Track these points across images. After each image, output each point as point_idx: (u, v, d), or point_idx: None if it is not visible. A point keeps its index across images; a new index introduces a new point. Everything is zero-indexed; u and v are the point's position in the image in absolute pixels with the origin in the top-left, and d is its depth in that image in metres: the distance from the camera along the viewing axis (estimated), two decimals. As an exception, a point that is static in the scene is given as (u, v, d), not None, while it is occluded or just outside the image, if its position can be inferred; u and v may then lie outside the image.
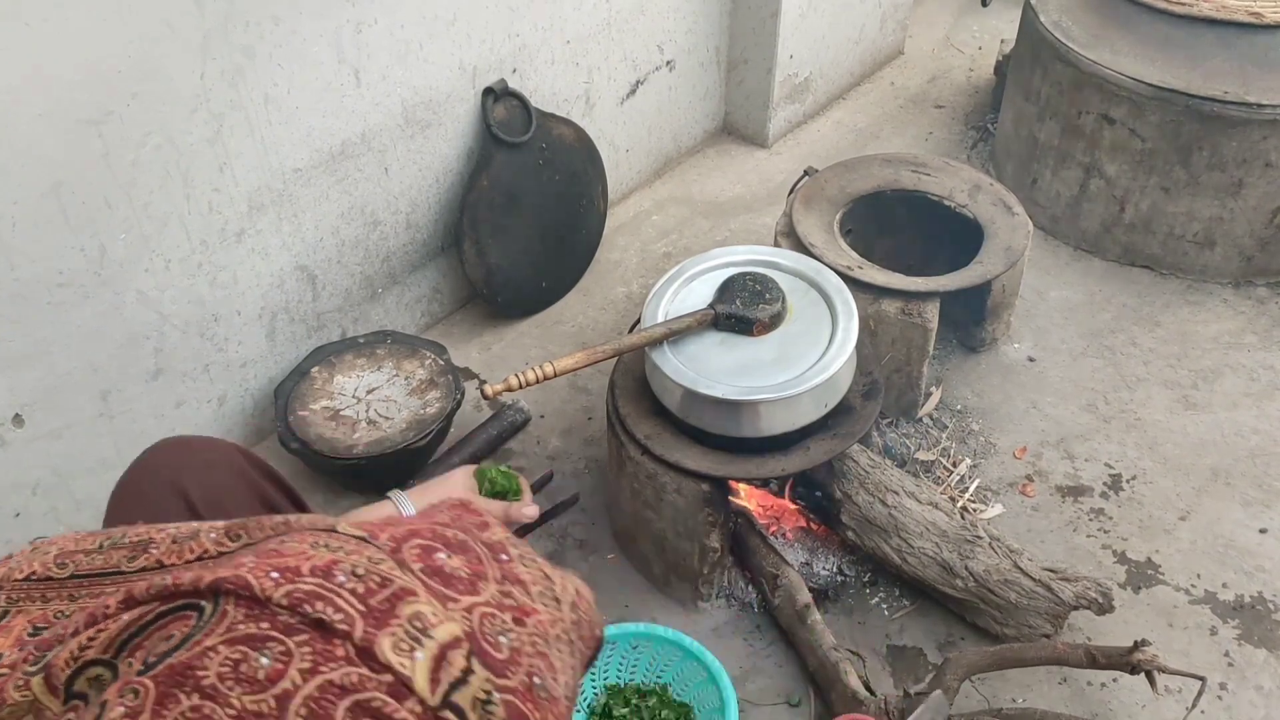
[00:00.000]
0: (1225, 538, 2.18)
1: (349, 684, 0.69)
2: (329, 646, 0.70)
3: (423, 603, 0.75)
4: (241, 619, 0.73)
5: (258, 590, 0.73)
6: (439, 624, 0.74)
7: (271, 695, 0.68)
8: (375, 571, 0.75)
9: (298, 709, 0.68)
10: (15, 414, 1.87)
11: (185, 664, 0.71)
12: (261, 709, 0.68)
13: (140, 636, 0.77)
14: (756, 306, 1.92)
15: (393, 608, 0.73)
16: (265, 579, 0.74)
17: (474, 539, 0.84)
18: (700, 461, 1.89)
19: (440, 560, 0.79)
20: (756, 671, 1.97)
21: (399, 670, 0.70)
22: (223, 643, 0.71)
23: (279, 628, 0.72)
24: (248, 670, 0.69)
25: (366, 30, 2.12)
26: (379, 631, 0.71)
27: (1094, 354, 2.58)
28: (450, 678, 0.72)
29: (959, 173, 2.54)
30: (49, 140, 1.71)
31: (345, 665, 0.70)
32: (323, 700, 0.68)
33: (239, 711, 0.68)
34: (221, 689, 0.69)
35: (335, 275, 2.35)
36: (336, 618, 0.71)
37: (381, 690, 0.69)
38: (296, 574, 0.74)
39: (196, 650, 0.72)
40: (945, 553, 1.94)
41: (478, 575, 0.80)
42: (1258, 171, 2.56)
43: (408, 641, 0.72)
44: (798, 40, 3.11)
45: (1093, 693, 1.92)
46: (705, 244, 2.90)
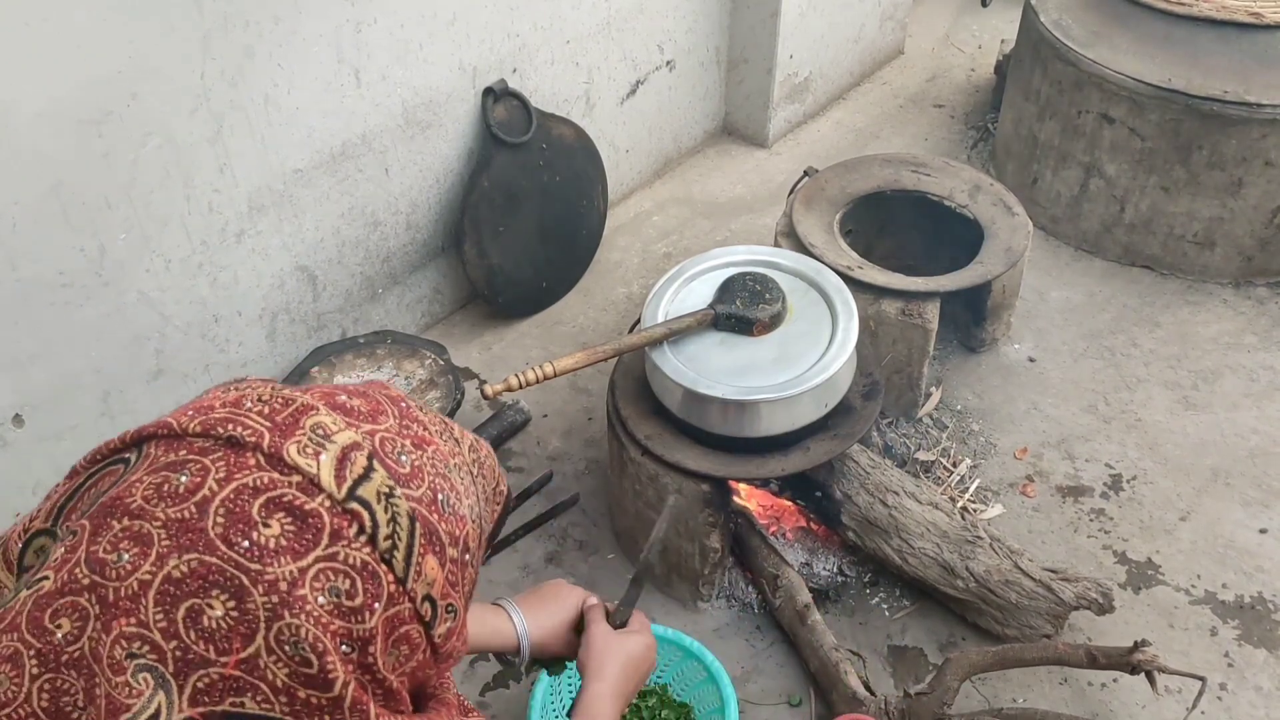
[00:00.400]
0: (1225, 538, 2.18)
1: (261, 485, 0.78)
2: (241, 458, 0.79)
3: (324, 415, 0.83)
4: (162, 453, 0.81)
5: (175, 426, 0.82)
6: (339, 431, 0.82)
7: (192, 503, 0.78)
8: (279, 395, 0.84)
9: (216, 510, 0.77)
10: (16, 414, 1.87)
11: (114, 498, 0.79)
12: (184, 515, 0.77)
13: (74, 500, 0.85)
14: (756, 306, 1.92)
15: (296, 420, 0.82)
16: (182, 417, 0.83)
17: (375, 392, 0.91)
18: (701, 462, 1.89)
19: (340, 400, 0.87)
20: (757, 672, 1.97)
21: (305, 469, 0.78)
22: (146, 474, 0.80)
23: (195, 450, 0.80)
24: (169, 489, 0.79)
25: (366, 30, 2.12)
26: (285, 440, 0.80)
27: (1094, 354, 2.58)
28: (354, 475, 0.80)
29: (959, 173, 2.54)
30: (49, 140, 1.71)
31: (257, 471, 0.79)
32: (238, 500, 0.77)
33: (164, 521, 0.77)
34: (147, 507, 0.77)
35: (336, 275, 2.35)
36: (246, 433, 0.80)
37: (292, 488, 0.78)
38: (209, 409, 0.83)
39: (124, 486, 0.80)
40: (946, 553, 1.94)
41: (376, 411, 0.87)
42: (1258, 171, 2.56)
43: (312, 446, 0.80)
44: (798, 40, 3.11)
45: (1093, 693, 1.92)
46: (705, 244, 2.90)
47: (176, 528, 0.76)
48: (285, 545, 0.76)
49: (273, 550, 0.76)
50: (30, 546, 0.86)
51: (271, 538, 0.76)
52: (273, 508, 0.77)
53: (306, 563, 0.76)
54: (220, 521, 0.76)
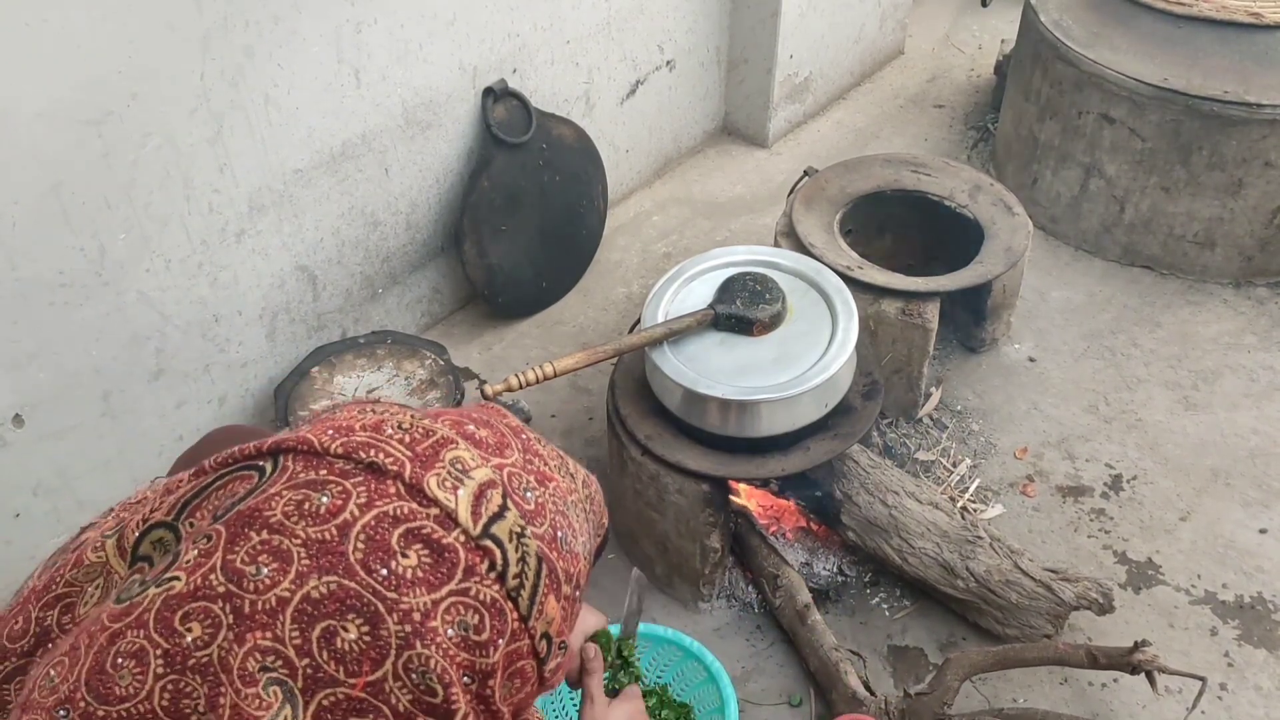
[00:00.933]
0: (1225, 538, 2.18)
1: (401, 514, 0.79)
2: (382, 485, 0.80)
3: (463, 449, 0.84)
4: (301, 469, 0.82)
5: (316, 445, 0.82)
6: (477, 467, 0.83)
7: (334, 525, 0.79)
8: (419, 425, 0.85)
9: (357, 536, 0.78)
10: (16, 414, 1.87)
11: (252, 508, 0.80)
12: (325, 536, 0.78)
13: (199, 499, 0.86)
14: (756, 306, 1.92)
15: (437, 453, 0.83)
16: (323, 435, 0.83)
17: (497, 422, 0.92)
18: (701, 462, 1.89)
19: (470, 430, 0.88)
20: (757, 671, 1.97)
21: (444, 503, 0.80)
22: (286, 488, 0.81)
23: (336, 473, 0.81)
24: (310, 508, 0.79)
25: (366, 30, 2.12)
26: (426, 471, 0.81)
27: (1094, 354, 2.58)
28: (489, 512, 0.81)
29: (959, 173, 2.54)
30: (49, 140, 1.71)
31: (397, 500, 0.80)
32: (379, 528, 0.78)
33: (304, 540, 0.78)
34: (287, 524, 0.78)
35: (336, 275, 2.35)
36: (388, 461, 0.81)
37: (430, 520, 0.80)
38: (350, 430, 0.84)
39: (262, 497, 0.80)
40: (946, 553, 1.94)
41: (502, 444, 0.88)
42: (1258, 171, 2.56)
43: (451, 480, 0.82)
44: (798, 40, 3.11)
45: (1093, 693, 1.92)
46: (705, 244, 2.90)
47: (317, 548, 0.77)
48: (421, 577, 0.77)
49: (409, 581, 0.77)
50: (148, 537, 0.87)
51: (409, 568, 0.77)
52: (411, 538, 0.78)
53: (440, 595, 0.78)
54: (361, 547, 0.77)
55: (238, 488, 0.84)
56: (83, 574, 0.90)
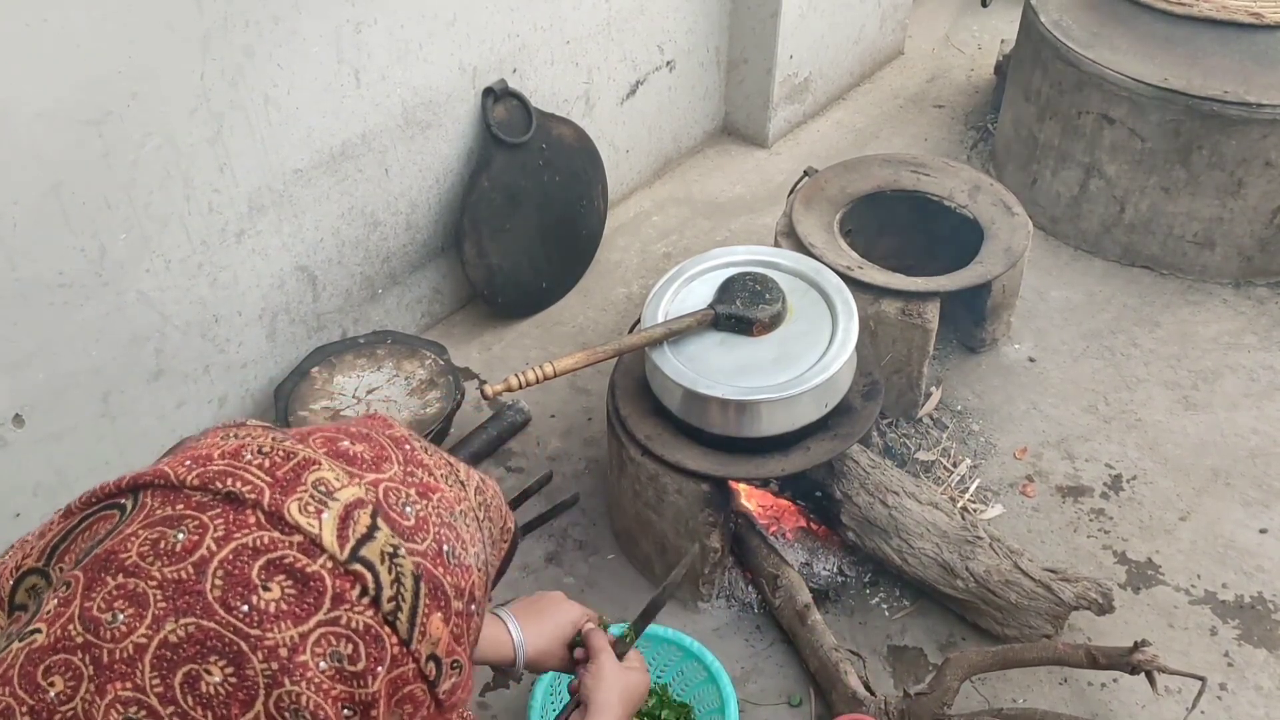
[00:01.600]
0: (1225, 538, 2.18)
1: (261, 545, 0.75)
2: (241, 516, 0.76)
3: (326, 470, 0.81)
4: (158, 504, 0.79)
5: (173, 477, 0.79)
6: (342, 488, 0.80)
7: (189, 563, 0.75)
8: (280, 448, 0.82)
9: (215, 572, 0.74)
10: (16, 414, 1.87)
11: (109, 550, 0.77)
12: (181, 576, 0.74)
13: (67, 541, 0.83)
14: (756, 306, 1.92)
15: (298, 476, 0.79)
16: (180, 467, 0.80)
17: (378, 434, 0.89)
18: (701, 462, 1.89)
19: (344, 446, 0.85)
20: (757, 672, 1.97)
21: (307, 529, 0.76)
22: (142, 527, 0.78)
23: (192, 506, 0.78)
24: (166, 546, 0.75)
25: (366, 30, 2.12)
26: (286, 497, 0.77)
27: (1094, 354, 2.58)
28: (356, 534, 0.78)
29: (959, 173, 2.54)
30: (49, 140, 1.71)
31: (257, 530, 0.76)
32: (237, 562, 0.75)
33: (160, 581, 0.74)
34: (143, 565, 0.75)
35: (335, 276, 2.35)
36: (245, 489, 0.77)
37: (293, 549, 0.75)
38: (208, 460, 0.81)
39: (119, 539, 0.78)
40: (946, 553, 1.94)
41: (381, 458, 0.85)
42: (1258, 171, 2.56)
43: (314, 504, 0.78)
44: (798, 40, 3.11)
45: (1093, 693, 1.92)
46: (705, 244, 2.90)
47: (173, 589, 0.74)
48: (286, 610, 0.75)
49: (273, 615, 0.74)
50: (22, 584, 0.84)
51: (272, 601, 0.74)
52: (273, 570, 0.75)
53: (308, 628, 0.75)
54: (219, 584, 0.74)
55: (99, 528, 0.81)
56: None
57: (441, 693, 0.83)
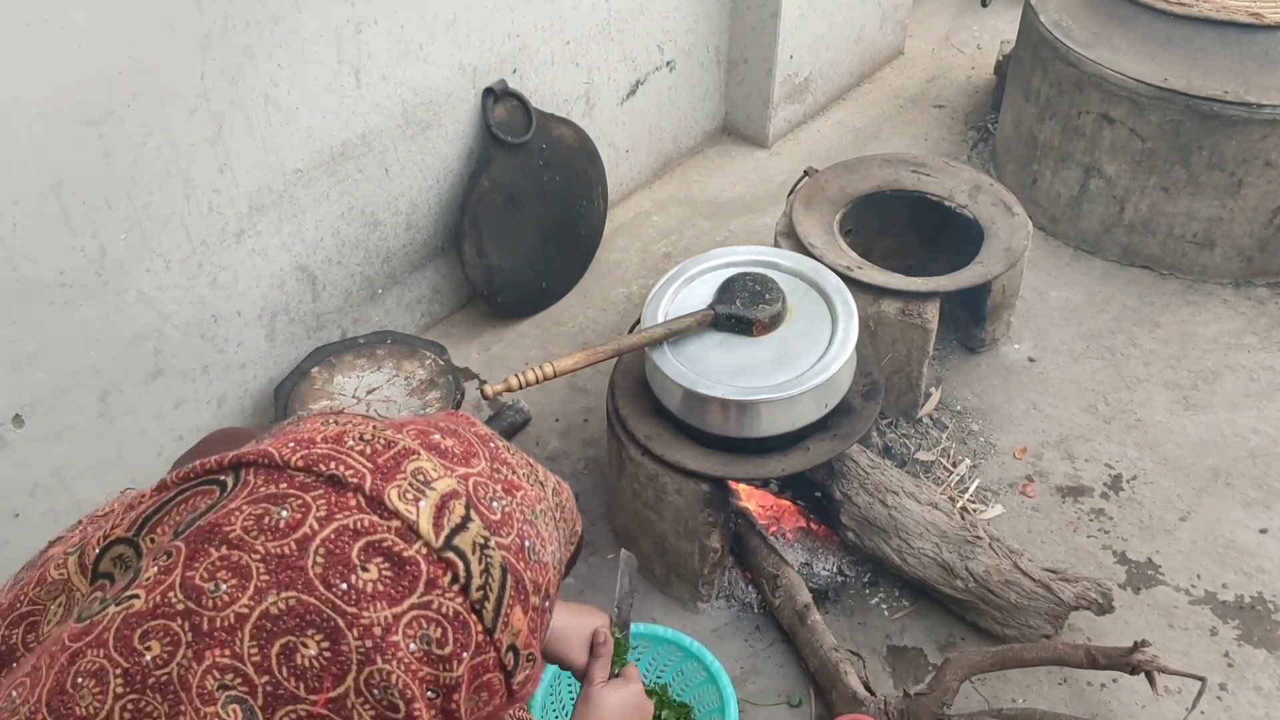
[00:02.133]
0: (1225, 538, 2.18)
1: (361, 528, 0.79)
2: (342, 498, 0.80)
3: (424, 460, 0.83)
4: (262, 483, 0.81)
5: (277, 458, 0.82)
6: (439, 478, 0.82)
7: (293, 540, 0.77)
8: (381, 436, 0.84)
9: (317, 550, 0.77)
10: (15, 414, 1.87)
11: (212, 523, 0.79)
12: (284, 551, 0.77)
13: (160, 513, 0.85)
14: (756, 307, 1.92)
15: (398, 464, 0.82)
16: (284, 448, 0.82)
17: (465, 430, 0.91)
18: (700, 462, 1.89)
19: (435, 439, 0.87)
20: (757, 672, 1.97)
21: (405, 515, 0.79)
22: (246, 503, 0.80)
23: (296, 486, 0.80)
24: (270, 522, 0.79)
25: (366, 30, 2.12)
26: (386, 484, 0.81)
27: (1094, 354, 2.58)
28: (451, 523, 0.80)
29: (959, 173, 2.54)
30: (49, 140, 1.71)
31: (357, 513, 0.79)
32: (338, 542, 0.78)
33: (264, 555, 0.77)
34: (247, 539, 0.78)
35: (335, 276, 2.35)
36: (348, 473, 0.80)
37: (391, 533, 0.78)
38: (311, 443, 0.83)
39: (222, 512, 0.80)
40: (945, 553, 1.94)
41: (469, 453, 0.87)
42: (1258, 171, 2.56)
43: (412, 491, 0.80)
44: (798, 40, 3.11)
45: (1093, 693, 1.92)
46: (705, 244, 2.90)
47: (276, 563, 0.77)
48: (382, 590, 0.77)
49: (369, 595, 0.76)
50: (108, 553, 0.86)
51: (369, 582, 0.76)
52: (372, 552, 0.77)
53: (401, 609, 0.77)
54: (320, 561, 0.77)
55: (199, 502, 0.83)
56: (45, 592, 0.88)
57: (516, 683, 0.85)
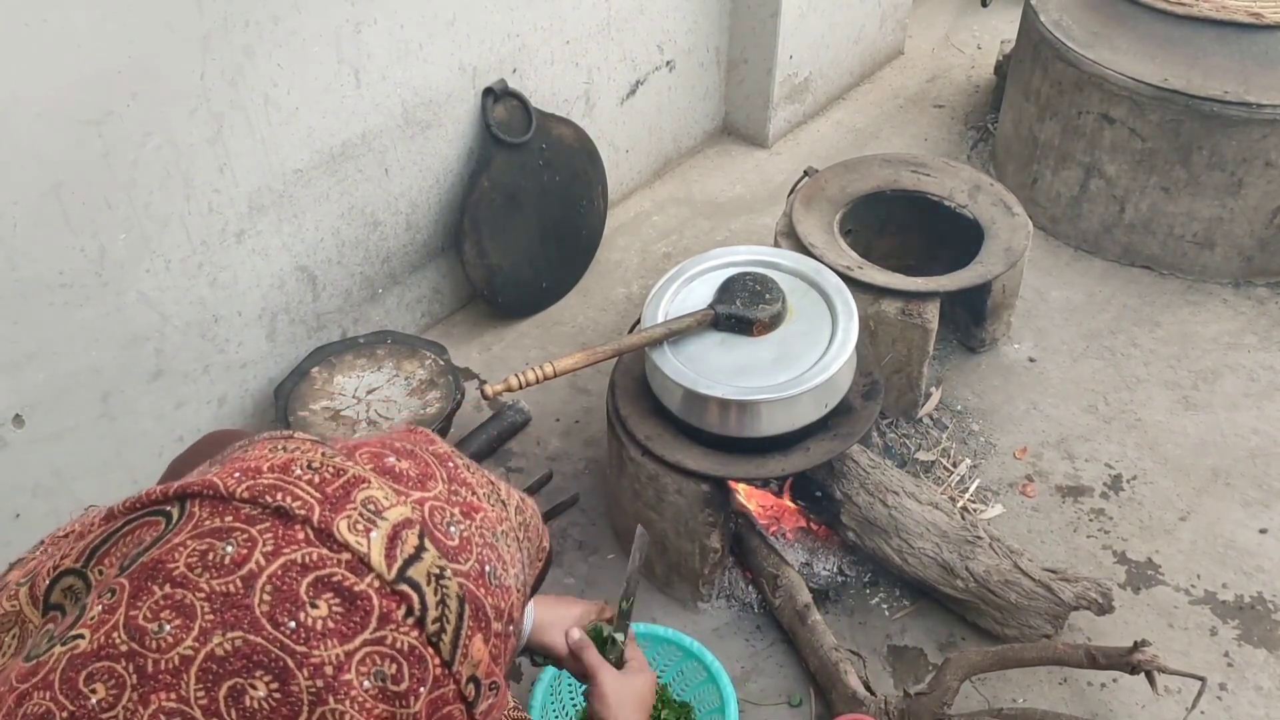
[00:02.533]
0: (1225, 538, 2.18)
1: (310, 562, 0.75)
2: (290, 531, 0.76)
3: (375, 489, 0.81)
4: (207, 515, 0.79)
5: (221, 488, 0.79)
6: (391, 507, 0.80)
7: (238, 577, 0.74)
8: (329, 464, 0.81)
9: (263, 587, 0.74)
10: (16, 414, 1.87)
11: (156, 559, 0.77)
12: (229, 589, 0.75)
13: (108, 544, 0.82)
14: (756, 307, 1.92)
15: (347, 494, 0.79)
16: (229, 478, 0.80)
17: (422, 449, 0.89)
18: (700, 462, 1.89)
19: (390, 462, 0.85)
20: (757, 671, 1.97)
21: (356, 548, 0.76)
22: (190, 538, 0.77)
23: (242, 519, 0.77)
24: (214, 558, 0.75)
25: (366, 30, 2.12)
26: (335, 514, 0.77)
27: (1094, 354, 2.58)
28: (404, 554, 0.78)
29: (959, 173, 2.54)
30: (49, 140, 1.71)
31: (306, 546, 0.76)
32: (285, 578, 0.74)
33: (209, 594, 0.74)
34: (191, 576, 0.75)
35: (335, 276, 2.35)
36: (295, 505, 0.77)
37: (341, 566, 0.75)
38: (257, 472, 0.80)
39: (166, 548, 0.78)
40: (945, 553, 1.94)
41: (426, 475, 0.85)
42: (1258, 171, 2.56)
43: (363, 522, 0.78)
44: (798, 40, 3.11)
45: (1093, 693, 1.92)
46: (705, 244, 2.90)
47: (221, 602, 0.74)
48: (332, 628, 0.74)
49: (319, 632, 0.74)
50: (59, 584, 0.84)
51: (319, 619, 0.74)
52: (321, 587, 0.75)
53: (353, 646, 0.75)
54: (267, 599, 0.74)
55: (144, 535, 0.81)
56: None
57: (479, 713, 0.83)
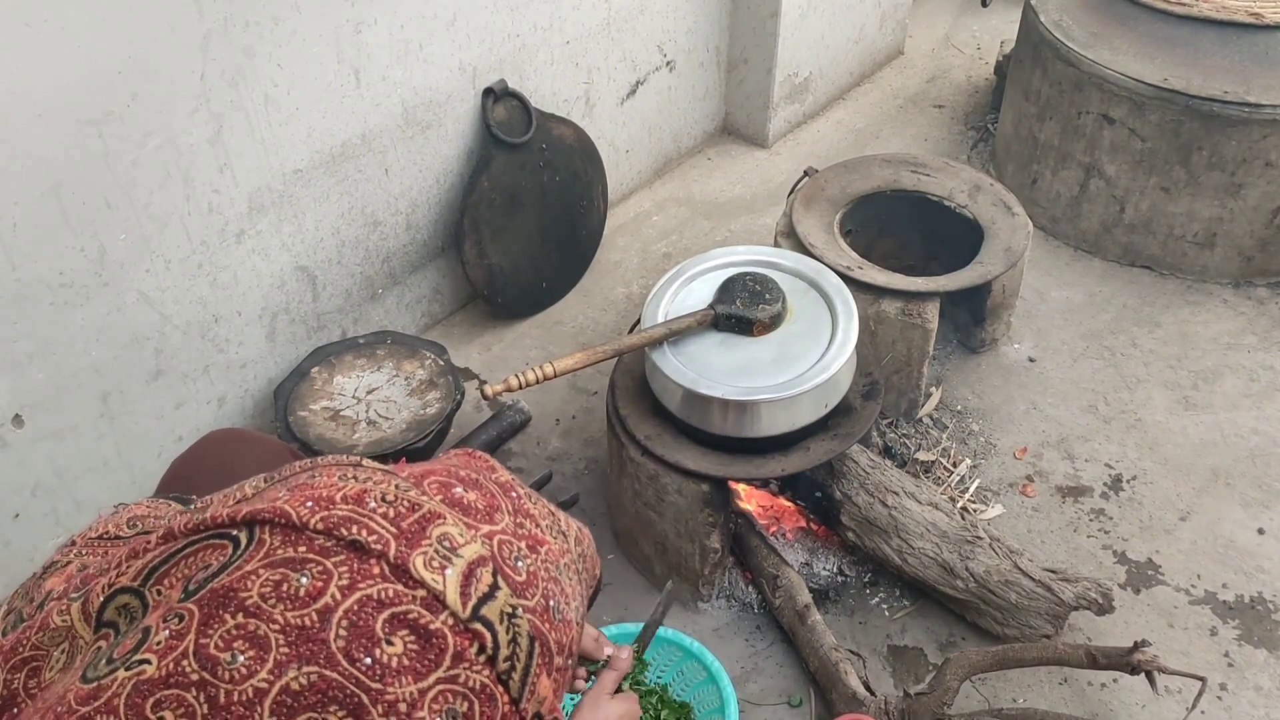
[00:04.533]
0: (1225, 538, 2.18)
1: (386, 598, 0.75)
2: (365, 565, 0.76)
3: (450, 525, 0.81)
4: (279, 544, 0.78)
5: (295, 518, 0.78)
6: (466, 544, 0.80)
7: (314, 610, 0.74)
8: (404, 498, 0.81)
9: (339, 621, 0.74)
10: (15, 414, 1.87)
11: (227, 587, 0.76)
12: (304, 622, 0.73)
13: (168, 565, 0.82)
14: (756, 307, 1.92)
15: (423, 529, 0.79)
16: (301, 508, 0.79)
17: (486, 479, 0.89)
18: (701, 462, 1.89)
19: (458, 494, 0.85)
20: (757, 672, 1.97)
21: (432, 585, 0.76)
22: (263, 566, 0.77)
23: (316, 550, 0.77)
24: (289, 589, 0.74)
25: (366, 30, 2.12)
26: (411, 551, 0.77)
27: (1094, 354, 2.58)
28: (479, 593, 0.78)
29: (959, 173, 2.54)
30: (49, 140, 1.71)
31: (382, 581, 0.75)
32: (362, 613, 0.74)
33: (283, 625, 0.73)
34: (265, 607, 0.74)
35: (335, 276, 2.35)
36: (371, 539, 0.77)
37: (416, 604, 0.75)
38: (330, 502, 0.79)
39: (237, 575, 0.77)
40: (945, 553, 1.94)
41: (492, 508, 0.85)
42: (1258, 171, 2.56)
43: (438, 559, 0.77)
44: (798, 40, 3.11)
45: (1093, 693, 1.92)
46: (705, 244, 2.90)
47: (297, 635, 0.74)
48: (407, 665, 0.74)
49: (395, 669, 0.74)
50: (112, 603, 0.83)
51: (394, 656, 0.74)
52: (397, 624, 0.75)
53: (427, 684, 0.75)
54: (343, 634, 0.74)
55: (210, 558, 0.80)
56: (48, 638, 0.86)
57: None
